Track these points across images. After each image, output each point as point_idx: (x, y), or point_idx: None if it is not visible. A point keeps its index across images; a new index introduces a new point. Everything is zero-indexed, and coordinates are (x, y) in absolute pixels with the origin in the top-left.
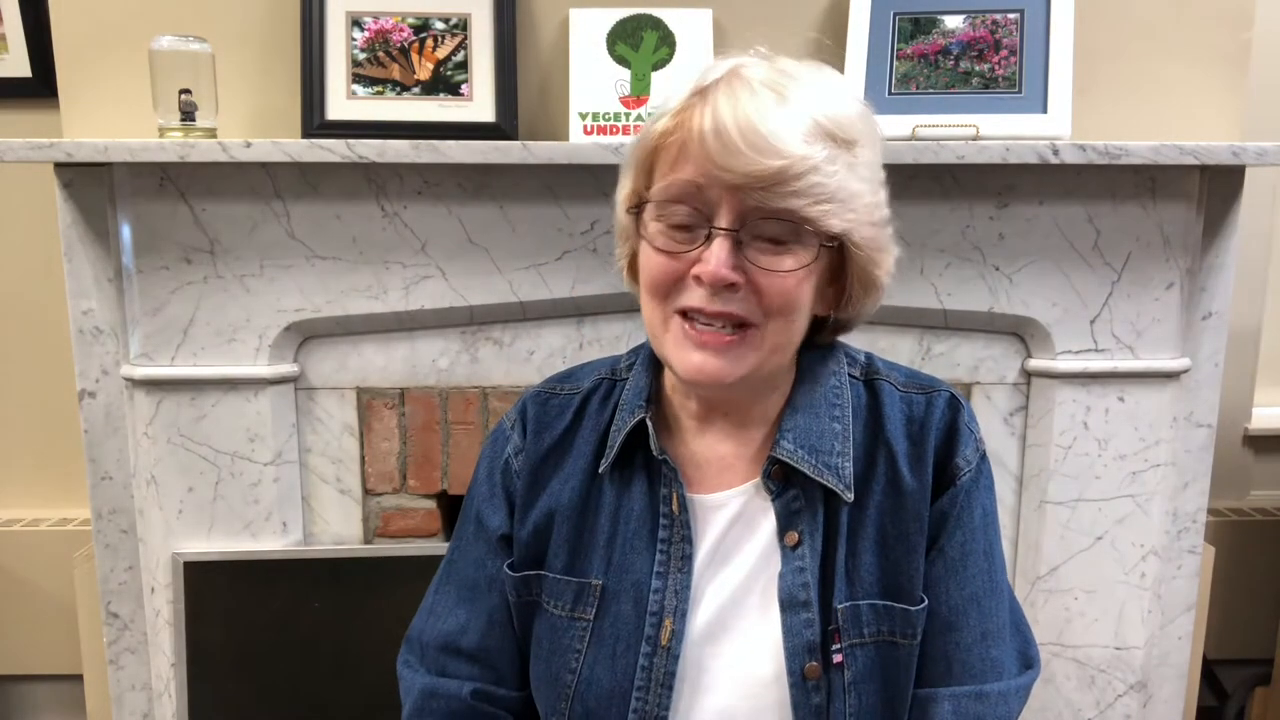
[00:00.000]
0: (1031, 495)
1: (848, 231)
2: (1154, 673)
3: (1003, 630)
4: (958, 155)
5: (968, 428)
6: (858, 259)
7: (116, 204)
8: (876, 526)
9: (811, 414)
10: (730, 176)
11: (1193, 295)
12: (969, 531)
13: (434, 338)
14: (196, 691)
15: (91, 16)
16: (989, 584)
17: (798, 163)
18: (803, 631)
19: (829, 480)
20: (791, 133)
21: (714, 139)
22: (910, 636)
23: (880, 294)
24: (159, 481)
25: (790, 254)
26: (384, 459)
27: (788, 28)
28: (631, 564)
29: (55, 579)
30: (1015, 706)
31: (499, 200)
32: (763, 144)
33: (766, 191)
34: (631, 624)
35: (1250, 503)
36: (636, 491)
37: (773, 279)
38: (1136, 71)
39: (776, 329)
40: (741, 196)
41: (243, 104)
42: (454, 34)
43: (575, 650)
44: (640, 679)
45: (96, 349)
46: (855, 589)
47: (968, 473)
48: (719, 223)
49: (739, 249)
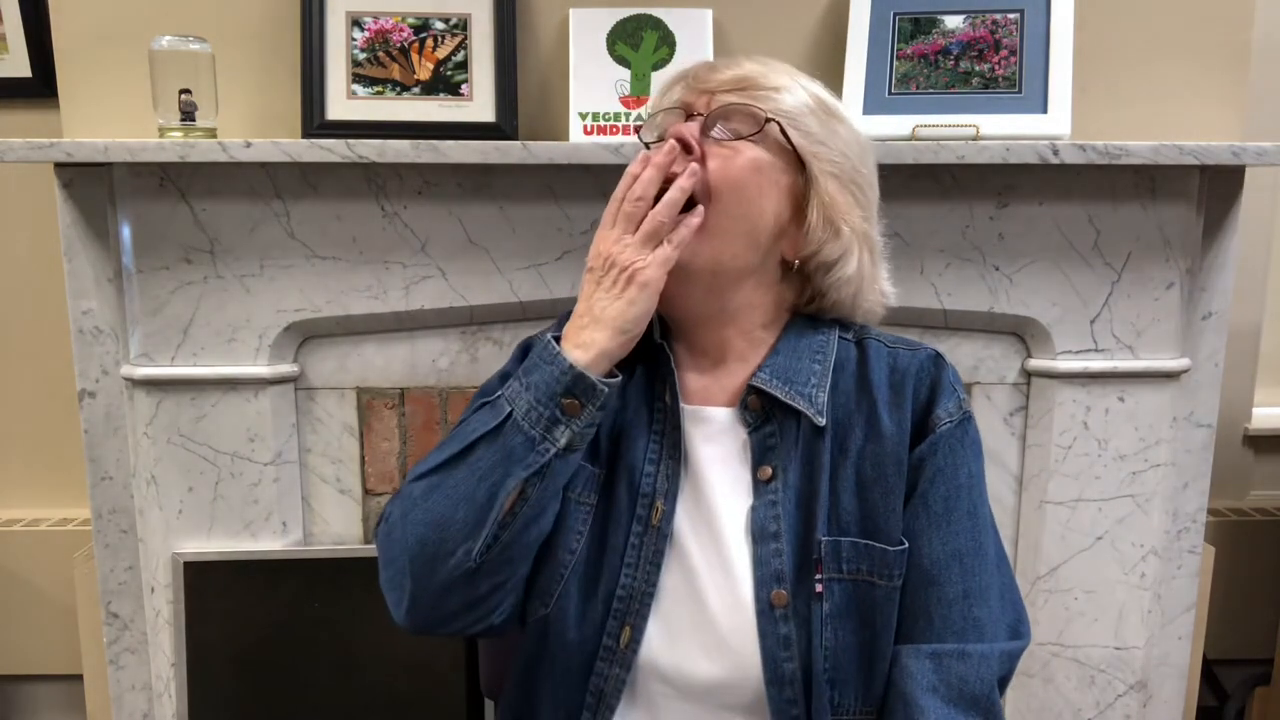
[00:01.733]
0: (1031, 495)
1: (803, 150)
2: (1154, 673)
3: (987, 592)
4: (958, 155)
5: (950, 384)
6: (818, 190)
7: (116, 204)
8: (856, 468)
9: (792, 356)
10: (706, 84)
11: (1193, 295)
12: (953, 487)
13: (434, 338)
14: (196, 691)
15: (91, 16)
16: (973, 543)
17: (761, 78)
18: (771, 560)
19: (800, 404)
20: (767, 71)
21: (702, 66)
22: (887, 578)
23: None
24: (159, 481)
25: (747, 145)
26: (384, 459)
27: (788, 28)
28: (628, 452)
29: (55, 579)
30: (997, 670)
31: (499, 200)
32: (736, 66)
33: (733, 93)
34: (624, 506)
35: (1250, 503)
36: (635, 387)
37: (723, 153)
38: (1136, 71)
39: (721, 210)
40: (715, 97)
41: (243, 104)
42: (454, 34)
43: (577, 532)
44: (630, 556)
45: (96, 349)
46: (835, 526)
47: (948, 423)
48: (694, 111)
49: (705, 132)
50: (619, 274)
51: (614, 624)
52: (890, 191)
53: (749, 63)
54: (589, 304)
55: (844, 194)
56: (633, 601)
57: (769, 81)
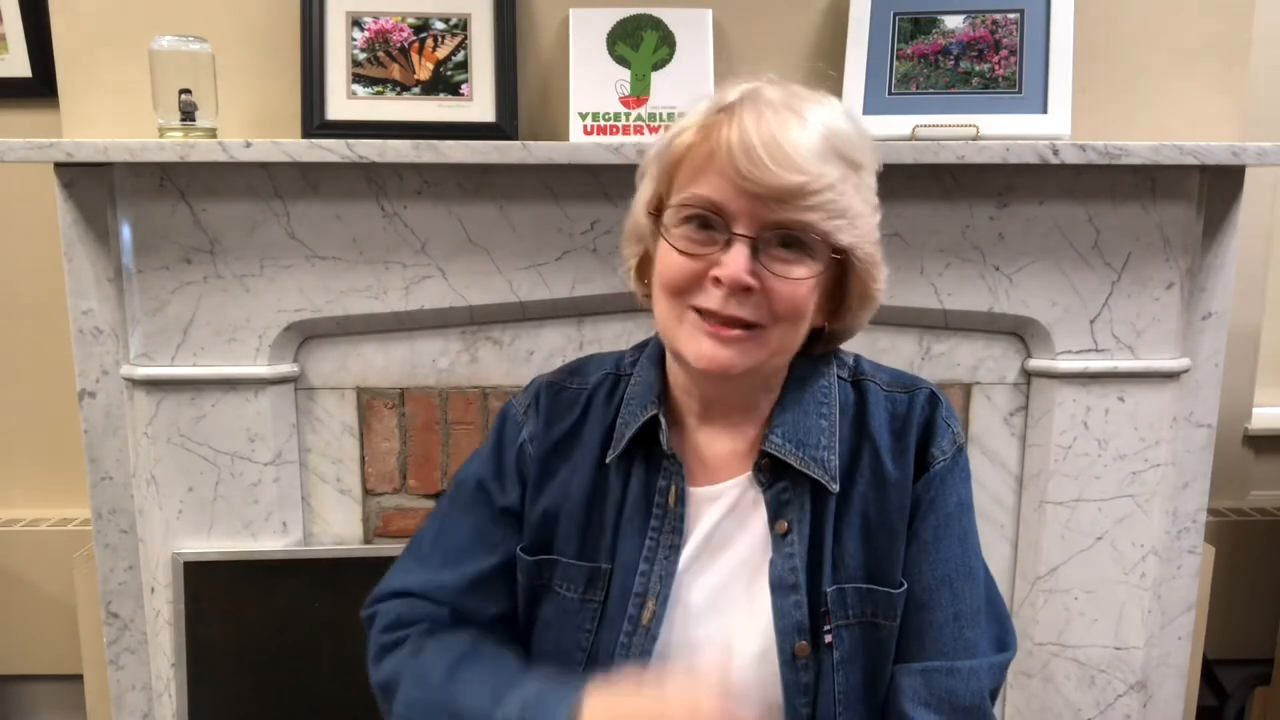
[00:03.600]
0: (1031, 495)
1: (853, 246)
2: (1154, 673)
3: (977, 614)
4: (958, 155)
5: (945, 422)
6: (859, 273)
7: (116, 204)
8: (861, 515)
9: (800, 411)
10: (754, 188)
11: (1193, 295)
12: (942, 516)
13: (434, 338)
14: (196, 691)
15: (91, 16)
16: (962, 568)
17: (815, 180)
18: (792, 612)
19: (815, 472)
20: (811, 151)
21: (742, 153)
22: (891, 618)
23: (875, 307)
24: (159, 481)
25: (802, 264)
26: (384, 459)
27: (788, 28)
28: (625, 549)
29: (55, 579)
30: (987, 682)
31: (499, 200)
32: (786, 160)
33: (785, 204)
34: (618, 603)
35: (1250, 503)
36: (636, 481)
37: (784, 285)
38: (1136, 71)
39: (782, 332)
40: (762, 207)
41: (243, 104)
42: (454, 34)
43: (586, 630)
44: (620, 654)
45: (96, 349)
46: (840, 573)
47: (942, 461)
48: (739, 229)
49: (755, 255)
50: None
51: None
52: (890, 191)
53: (791, 141)
54: None
55: (874, 257)
56: None
57: (821, 180)
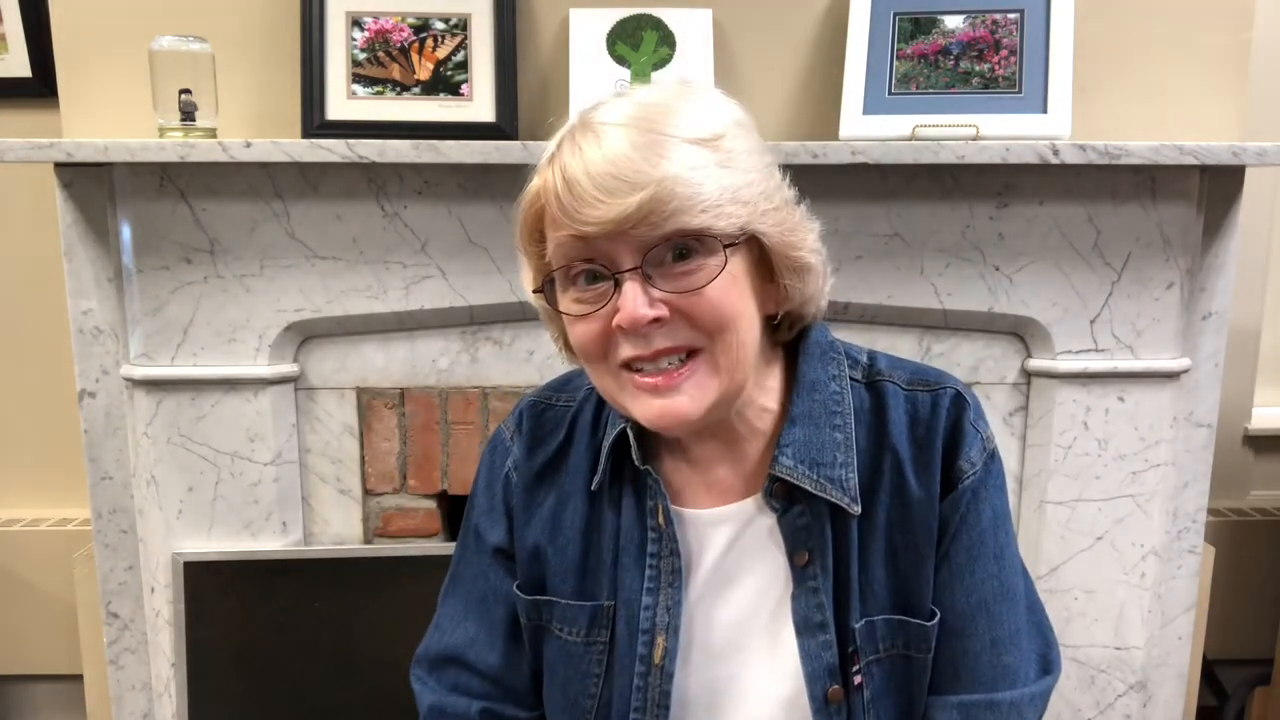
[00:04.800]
0: (1031, 495)
1: (747, 224)
2: (1154, 673)
3: (1017, 635)
4: (958, 155)
5: (973, 427)
6: (774, 246)
7: (116, 204)
8: (886, 538)
9: (811, 425)
10: (602, 228)
11: (1193, 295)
12: (975, 535)
13: (434, 338)
14: (196, 691)
15: (91, 16)
16: (999, 588)
17: (656, 187)
18: (821, 654)
19: (833, 495)
20: (638, 159)
21: (566, 195)
22: (924, 650)
23: (816, 273)
24: (159, 481)
25: (701, 268)
26: (384, 459)
27: (788, 28)
28: (625, 582)
29: (55, 579)
30: (1030, 714)
31: (499, 200)
32: (612, 184)
33: (645, 225)
34: (625, 643)
35: (1250, 503)
36: (627, 508)
37: (695, 298)
38: (1136, 71)
39: (724, 346)
40: (626, 238)
41: (243, 104)
42: (454, 34)
43: (594, 675)
44: (636, 700)
45: (96, 349)
46: (869, 605)
47: (971, 475)
48: (620, 267)
49: (649, 283)
50: None
51: None
52: (890, 191)
53: (618, 170)
54: None
55: (789, 223)
56: None
57: (668, 183)
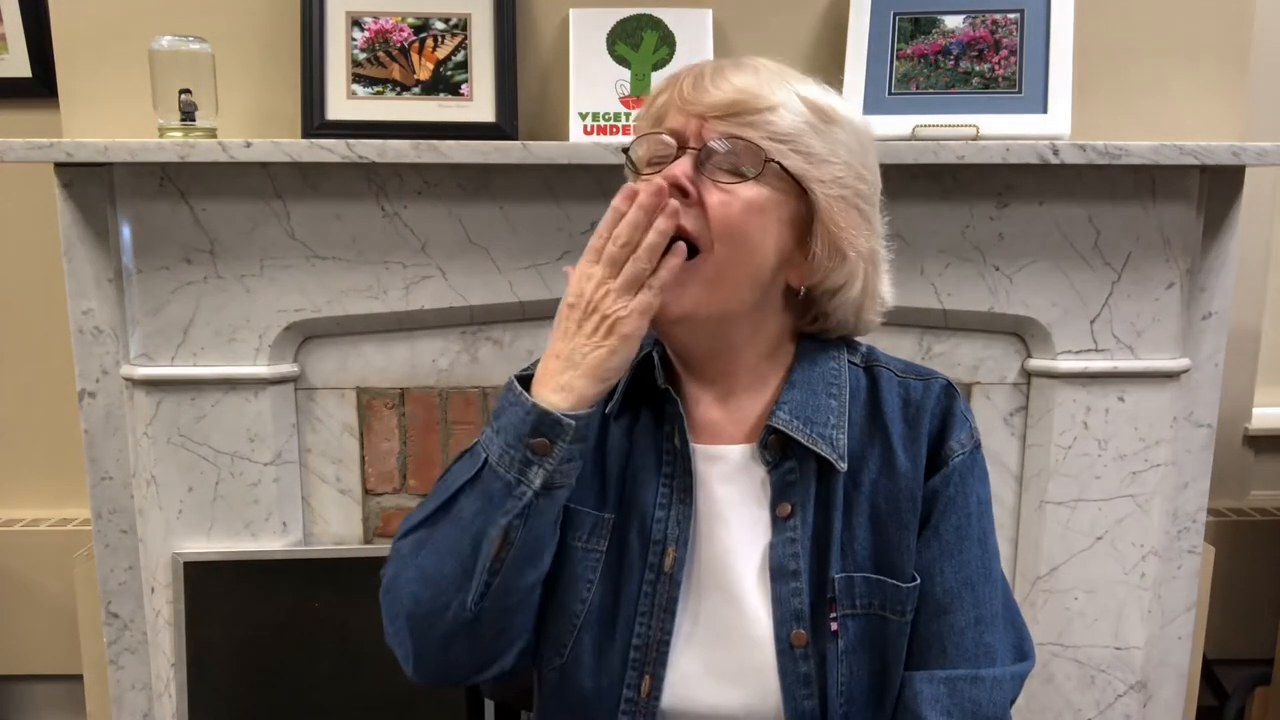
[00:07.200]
0: (1031, 495)
1: (805, 177)
2: (1154, 673)
3: (996, 619)
4: (958, 155)
5: (963, 415)
6: (823, 218)
7: (116, 204)
8: (870, 503)
9: (808, 390)
10: (695, 108)
11: (1193, 295)
12: (964, 516)
13: (434, 338)
14: (196, 691)
15: (91, 16)
16: (983, 571)
17: (754, 99)
18: (790, 600)
19: (823, 449)
20: (755, 79)
21: (689, 80)
22: (899, 613)
23: (851, 270)
24: (159, 481)
25: (739, 185)
26: (384, 459)
27: (788, 28)
28: (638, 496)
29: (55, 579)
30: (1009, 692)
31: (499, 200)
32: (725, 83)
33: (725, 120)
34: (636, 553)
35: (1250, 503)
36: (643, 429)
37: (721, 196)
38: (1136, 71)
39: (724, 258)
40: (706, 124)
41: (243, 104)
42: (454, 34)
43: (588, 580)
44: (644, 604)
45: (96, 349)
46: (849, 560)
47: (960, 455)
48: (686, 143)
49: (700, 169)
50: (600, 321)
51: (633, 674)
52: (890, 191)
53: (738, 75)
54: (569, 346)
55: (849, 214)
56: (650, 650)
57: (763, 101)
